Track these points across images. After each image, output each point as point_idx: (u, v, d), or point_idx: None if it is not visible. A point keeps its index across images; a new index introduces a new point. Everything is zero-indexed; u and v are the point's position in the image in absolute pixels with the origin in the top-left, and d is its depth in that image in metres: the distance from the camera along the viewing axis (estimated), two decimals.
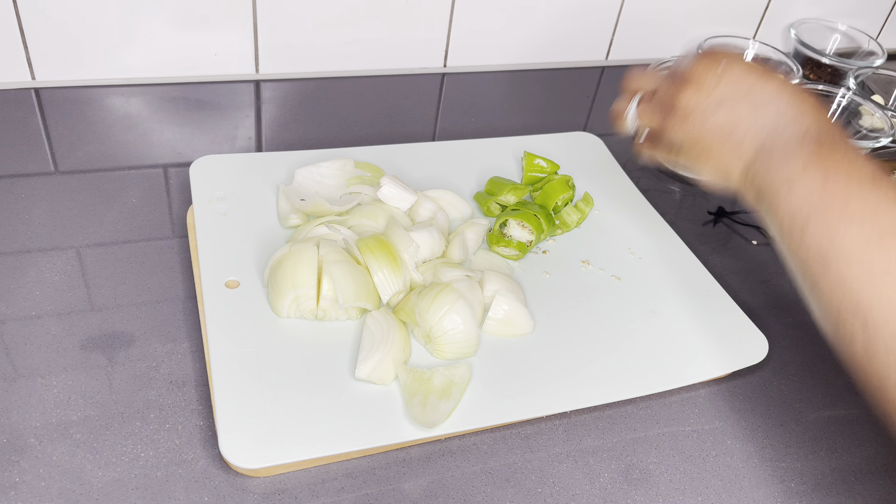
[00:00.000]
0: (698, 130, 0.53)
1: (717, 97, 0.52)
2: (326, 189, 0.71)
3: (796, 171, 0.46)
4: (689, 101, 0.53)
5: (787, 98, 0.50)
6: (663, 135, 0.56)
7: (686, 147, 0.55)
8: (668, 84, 0.56)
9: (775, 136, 0.49)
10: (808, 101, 0.51)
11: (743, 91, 0.51)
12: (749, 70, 0.52)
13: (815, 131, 0.48)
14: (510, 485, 0.53)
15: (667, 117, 0.55)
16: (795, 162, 0.46)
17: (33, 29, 0.81)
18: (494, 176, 0.76)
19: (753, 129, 0.50)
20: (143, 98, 0.86)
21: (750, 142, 0.50)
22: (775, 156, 0.48)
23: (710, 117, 0.52)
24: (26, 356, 0.56)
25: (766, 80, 0.52)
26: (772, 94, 0.51)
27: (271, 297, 0.59)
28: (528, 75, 1.04)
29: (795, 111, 0.50)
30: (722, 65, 0.53)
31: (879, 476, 0.58)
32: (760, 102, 0.51)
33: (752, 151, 0.50)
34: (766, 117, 0.50)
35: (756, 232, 0.81)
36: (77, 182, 0.72)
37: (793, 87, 0.52)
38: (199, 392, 0.55)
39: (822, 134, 0.48)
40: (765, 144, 0.49)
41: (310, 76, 0.95)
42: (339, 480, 0.51)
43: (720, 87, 0.52)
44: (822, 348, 0.69)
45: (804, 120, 0.49)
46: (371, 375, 0.55)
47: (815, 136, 0.47)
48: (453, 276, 0.62)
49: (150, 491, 0.49)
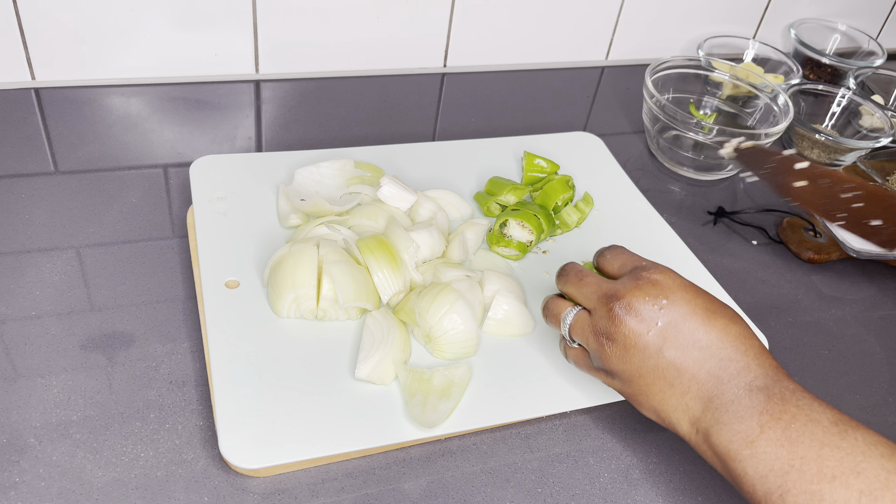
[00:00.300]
0: (637, 369, 0.48)
1: (661, 335, 0.47)
2: (326, 189, 0.71)
3: (753, 431, 0.43)
4: (628, 334, 0.48)
5: (731, 343, 0.47)
6: (599, 359, 0.51)
7: (623, 381, 0.50)
8: (605, 308, 0.50)
9: (722, 389, 0.45)
10: (754, 347, 0.47)
11: (688, 331, 0.47)
12: (695, 307, 0.48)
13: (762, 382, 0.45)
14: (510, 485, 0.53)
15: (603, 344, 0.50)
16: (750, 421, 0.43)
17: (33, 29, 0.81)
18: (494, 176, 0.76)
19: (698, 379, 0.46)
20: (143, 98, 0.86)
21: (695, 393, 0.46)
22: (726, 413, 0.44)
23: (652, 357, 0.48)
24: (26, 356, 0.56)
25: (712, 319, 0.47)
26: (717, 339, 0.47)
27: (271, 297, 0.59)
28: (528, 75, 1.04)
29: (741, 361, 0.46)
30: (666, 299, 0.48)
31: None
32: (705, 346, 0.47)
33: (699, 406, 0.46)
34: (710, 364, 0.46)
35: (756, 232, 0.81)
36: (77, 182, 0.72)
37: (738, 327, 0.48)
38: (199, 392, 0.55)
39: (770, 383, 0.45)
40: (713, 399, 0.45)
41: (310, 76, 0.95)
42: (339, 480, 0.51)
43: (664, 324, 0.47)
44: (822, 348, 0.69)
45: (749, 371, 0.46)
46: (371, 375, 0.55)
47: (762, 387, 0.45)
48: (453, 276, 0.62)
49: (150, 491, 0.49)
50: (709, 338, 0.47)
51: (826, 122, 1.00)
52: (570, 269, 0.54)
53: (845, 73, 1.10)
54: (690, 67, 0.94)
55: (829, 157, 0.93)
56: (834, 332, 0.70)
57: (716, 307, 0.49)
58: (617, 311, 0.49)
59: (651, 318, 0.48)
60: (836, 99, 1.00)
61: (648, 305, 0.48)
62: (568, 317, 0.53)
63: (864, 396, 0.65)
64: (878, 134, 0.94)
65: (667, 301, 0.48)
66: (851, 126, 0.99)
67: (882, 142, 0.90)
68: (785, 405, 0.44)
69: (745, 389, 0.45)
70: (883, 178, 0.87)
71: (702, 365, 0.47)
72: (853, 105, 0.99)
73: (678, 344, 0.47)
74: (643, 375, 0.48)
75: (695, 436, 0.47)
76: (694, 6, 1.09)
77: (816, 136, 0.91)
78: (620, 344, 0.49)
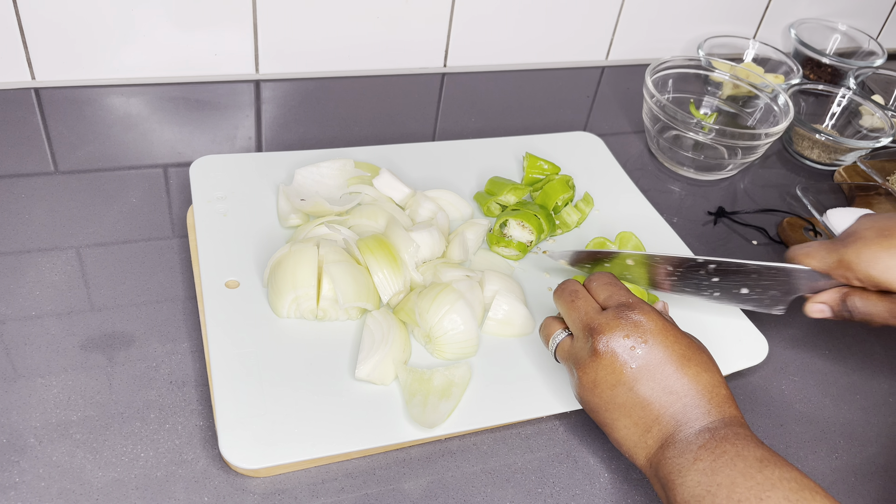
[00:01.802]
0: (605, 403, 0.50)
1: (633, 375, 0.49)
2: (326, 189, 0.71)
3: (688, 462, 0.46)
4: (601, 370, 0.50)
5: (699, 391, 0.48)
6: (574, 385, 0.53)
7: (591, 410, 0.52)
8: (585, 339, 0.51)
9: (679, 430, 0.48)
10: (719, 395, 0.49)
11: (661, 376, 0.48)
12: (671, 353, 0.49)
13: (714, 425, 0.47)
14: (510, 485, 0.53)
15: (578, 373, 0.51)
16: (688, 455, 0.46)
17: (33, 29, 0.81)
18: (494, 176, 0.76)
19: (661, 421, 0.48)
20: (143, 98, 0.86)
21: (656, 433, 0.48)
22: (674, 448, 0.47)
23: (621, 395, 0.49)
24: (26, 356, 0.56)
25: (686, 367, 0.49)
26: (686, 385, 0.48)
27: (271, 297, 0.59)
28: (528, 75, 1.04)
29: (703, 407, 0.48)
30: (645, 343, 0.49)
31: (879, 476, 0.58)
32: (674, 392, 0.48)
33: (656, 444, 0.48)
34: (674, 409, 0.48)
35: (756, 232, 0.81)
36: (77, 182, 0.72)
37: (709, 375, 0.49)
38: (199, 392, 0.55)
39: (720, 426, 0.47)
40: (668, 438, 0.48)
41: (310, 76, 0.95)
42: (339, 480, 0.51)
43: (638, 366, 0.49)
44: (822, 348, 0.69)
45: (708, 416, 0.48)
46: (371, 375, 0.55)
47: (711, 428, 0.47)
48: (453, 276, 0.62)
49: (150, 491, 0.49)
50: (679, 384, 0.49)
51: (826, 122, 1.00)
52: (566, 287, 0.56)
53: (845, 73, 1.10)
54: (690, 67, 0.94)
55: (829, 157, 0.93)
56: (834, 332, 0.70)
57: (691, 354, 0.50)
58: (596, 346, 0.50)
59: (627, 357, 0.49)
60: (836, 99, 1.00)
61: (627, 345, 0.49)
62: (556, 339, 0.55)
63: (864, 396, 0.65)
64: (878, 134, 0.94)
65: (645, 344, 0.49)
66: (851, 126, 0.99)
67: (882, 142, 0.90)
68: (722, 443, 0.46)
69: (696, 430, 0.47)
70: (883, 178, 0.87)
71: (667, 408, 0.48)
72: (853, 105, 0.99)
73: (649, 386, 0.49)
74: (609, 410, 0.50)
75: (648, 469, 0.49)
76: (694, 6, 1.09)
77: (816, 136, 0.91)
78: (592, 377, 0.50)
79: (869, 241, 0.55)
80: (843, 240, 0.57)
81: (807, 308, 0.60)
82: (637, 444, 0.49)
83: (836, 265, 0.57)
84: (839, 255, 0.57)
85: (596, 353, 0.50)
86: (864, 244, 0.55)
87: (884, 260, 0.54)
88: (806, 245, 0.60)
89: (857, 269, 0.55)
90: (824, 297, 0.59)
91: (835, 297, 0.58)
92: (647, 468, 0.49)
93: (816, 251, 0.58)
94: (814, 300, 0.59)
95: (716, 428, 0.47)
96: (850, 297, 0.57)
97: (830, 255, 0.57)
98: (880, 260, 0.54)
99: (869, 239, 0.55)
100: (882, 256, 0.54)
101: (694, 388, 0.49)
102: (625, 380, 0.49)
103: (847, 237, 0.57)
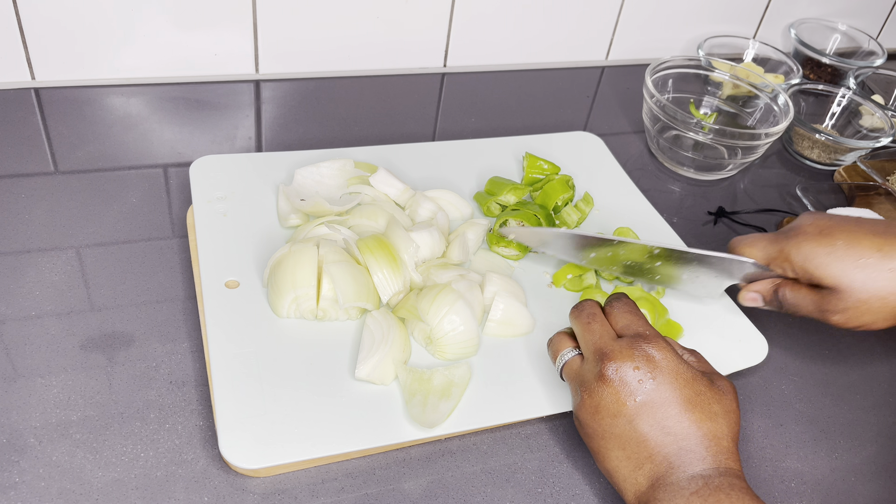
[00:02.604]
0: (603, 430, 0.49)
1: (636, 409, 0.48)
2: (326, 189, 0.71)
3: None
4: (606, 397, 0.49)
5: (697, 438, 0.47)
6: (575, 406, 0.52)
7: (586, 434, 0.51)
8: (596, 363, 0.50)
9: (671, 473, 0.47)
10: (718, 446, 0.48)
11: (661, 416, 0.48)
12: (678, 395, 0.48)
13: (709, 473, 0.46)
14: (510, 485, 0.53)
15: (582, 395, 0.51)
16: (679, 499, 0.45)
17: (33, 29, 0.81)
18: (494, 176, 0.76)
19: (654, 460, 0.48)
20: (143, 98, 0.86)
21: (647, 472, 0.48)
22: (665, 492, 0.46)
23: (619, 426, 0.49)
24: (26, 356, 0.56)
25: (689, 412, 0.48)
26: (685, 430, 0.48)
27: (271, 297, 0.59)
28: (528, 75, 1.04)
29: (699, 454, 0.47)
30: (654, 380, 0.48)
31: (879, 476, 0.58)
32: (672, 433, 0.48)
33: (646, 483, 0.47)
34: (669, 450, 0.47)
35: (756, 232, 0.81)
36: (77, 182, 0.72)
37: (711, 424, 0.48)
38: (199, 392, 0.55)
39: (714, 475, 0.46)
40: (659, 479, 0.47)
41: (310, 76, 0.95)
42: (339, 480, 0.51)
43: (642, 400, 0.48)
44: (821, 349, 0.69)
45: (703, 463, 0.47)
46: (371, 375, 0.55)
47: (705, 476, 0.46)
48: (450, 277, 0.62)
49: (150, 491, 0.49)
50: (679, 427, 0.48)
51: (826, 121, 1.00)
52: (584, 308, 0.55)
53: (845, 72, 1.10)
54: (690, 67, 0.94)
55: (829, 157, 0.93)
56: (834, 332, 0.70)
57: (700, 400, 0.49)
58: (604, 371, 0.49)
59: (633, 390, 0.49)
60: (836, 99, 1.00)
61: (635, 377, 0.49)
62: (564, 357, 0.54)
63: (864, 396, 0.65)
64: (878, 134, 0.94)
65: (653, 380, 0.49)
66: (851, 126, 0.99)
67: (882, 142, 0.90)
68: (716, 493, 0.45)
69: (689, 476, 0.47)
70: (883, 178, 0.87)
71: (661, 449, 0.48)
72: (853, 105, 0.99)
73: (649, 423, 0.48)
74: (605, 439, 0.50)
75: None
76: (694, 6, 1.09)
77: (816, 136, 0.91)
78: (596, 402, 0.50)
79: (809, 237, 0.58)
80: (785, 233, 0.60)
81: (741, 296, 0.62)
82: (627, 479, 0.49)
83: (776, 256, 0.60)
84: (780, 247, 0.59)
85: (603, 379, 0.49)
86: (804, 239, 0.58)
87: (820, 256, 0.57)
88: (749, 236, 0.62)
89: (795, 261, 0.58)
90: (758, 287, 0.61)
91: (768, 287, 0.61)
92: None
93: (759, 241, 0.61)
94: (748, 289, 0.62)
95: (710, 476, 0.46)
96: (782, 288, 0.60)
97: (772, 246, 0.60)
98: (817, 255, 0.57)
99: (810, 234, 0.58)
100: (819, 252, 0.57)
101: (694, 433, 0.48)
102: (626, 411, 0.48)
103: (789, 231, 0.60)
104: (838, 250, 0.56)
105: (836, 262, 0.56)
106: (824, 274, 0.57)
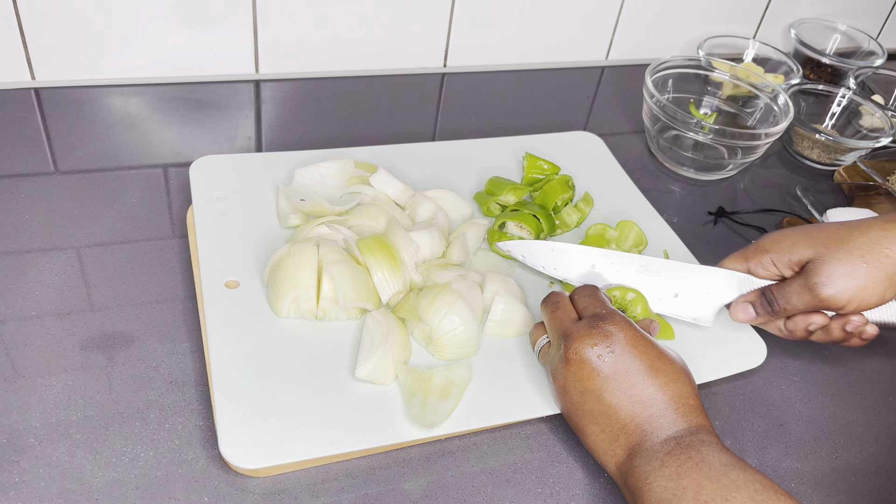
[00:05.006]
0: (575, 408, 0.52)
1: (600, 384, 0.50)
2: (326, 189, 0.71)
3: (654, 468, 0.47)
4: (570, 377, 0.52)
5: (664, 401, 0.50)
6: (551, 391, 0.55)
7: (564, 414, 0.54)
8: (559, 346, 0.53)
9: (645, 440, 0.49)
10: (686, 406, 0.50)
11: (627, 385, 0.50)
12: (639, 363, 0.50)
13: (680, 434, 0.48)
14: (510, 485, 0.53)
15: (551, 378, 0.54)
16: (654, 462, 0.47)
17: (33, 29, 0.81)
18: (494, 176, 0.76)
19: (627, 430, 0.50)
20: (143, 98, 0.86)
21: (623, 442, 0.50)
22: (641, 458, 0.48)
23: (588, 403, 0.51)
24: (26, 356, 0.56)
25: (652, 377, 0.50)
26: (651, 396, 0.50)
27: (271, 297, 0.59)
28: (528, 75, 1.04)
29: (669, 417, 0.49)
30: (612, 353, 0.51)
31: (879, 476, 0.58)
32: (640, 401, 0.50)
33: (623, 454, 0.50)
34: (640, 419, 0.49)
35: (756, 232, 0.81)
36: (77, 182, 0.72)
37: (676, 386, 0.50)
38: (199, 392, 0.55)
39: (685, 435, 0.48)
40: (635, 447, 0.49)
41: (310, 76, 0.95)
42: (339, 480, 0.51)
43: (605, 374, 0.50)
44: (822, 349, 0.69)
45: (674, 426, 0.49)
46: (371, 375, 0.55)
47: (677, 437, 0.48)
48: (450, 277, 0.62)
49: (150, 491, 0.49)
50: (645, 393, 0.50)
51: (826, 122, 1.00)
52: (551, 298, 0.58)
53: (845, 72, 1.10)
54: (690, 67, 0.94)
55: (829, 157, 0.93)
56: None
57: (660, 364, 0.51)
58: (567, 354, 0.52)
59: (595, 366, 0.51)
60: (836, 99, 1.00)
61: (594, 354, 0.51)
62: (540, 343, 0.57)
63: (864, 396, 0.65)
64: (878, 134, 0.94)
65: (612, 354, 0.51)
66: (851, 126, 0.99)
67: (882, 142, 0.90)
68: (687, 451, 0.47)
69: (662, 439, 0.49)
70: (883, 178, 0.87)
71: (633, 418, 0.50)
72: (853, 105, 0.99)
73: (616, 395, 0.50)
74: (580, 416, 0.52)
75: (619, 478, 0.50)
76: (694, 6, 1.09)
77: (816, 136, 0.91)
78: (563, 383, 0.52)
79: (784, 231, 0.61)
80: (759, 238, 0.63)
81: (732, 310, 0.62)
82: (606, 452, 0.51)
83: (752, 251, 0.61)
84: (756, 244, 0.62)
85: (566, 361, 0.52)
86: (780, 233, 0.61)
87: (792, 235, 0.60)
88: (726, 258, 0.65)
89: (771, 248, 0.60)
90: (747, 297, 0.62)
91: (755, 294, 0.61)
92: (617, 477, 0.50)
93: (732, 256, 0.63)
94: (736, 301, 0.62)
95: (681, 436, 0.48)
96: (767, 289, 0.61)
97: (747, 248, 0.62)
98: (788, 235, 0.60)
99: (784, 230, 0.61)
100: (788, 233, 0.60)
101: (661, 398, 0.50)
102: (592, 387, 0.51)
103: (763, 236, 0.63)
104: (806, 228, 0.60)
105: (808, 233, 0.59)
106: (800, 244, 0.58)
